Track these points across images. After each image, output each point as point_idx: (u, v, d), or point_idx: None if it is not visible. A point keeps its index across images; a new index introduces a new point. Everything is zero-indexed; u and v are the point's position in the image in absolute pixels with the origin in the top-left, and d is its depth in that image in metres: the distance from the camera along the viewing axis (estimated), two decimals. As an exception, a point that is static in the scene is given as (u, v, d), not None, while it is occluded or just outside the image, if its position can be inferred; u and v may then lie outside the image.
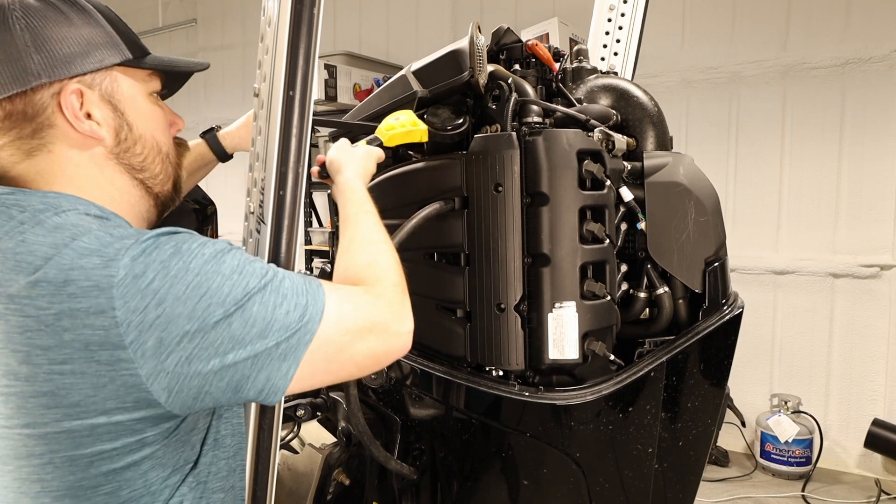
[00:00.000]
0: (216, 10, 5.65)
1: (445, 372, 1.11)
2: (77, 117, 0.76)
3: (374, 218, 0.95)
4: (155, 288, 0.66)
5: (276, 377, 0.73)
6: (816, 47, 3.36)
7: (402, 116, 1.09)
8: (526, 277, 1.01)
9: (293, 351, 0.73)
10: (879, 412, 3.32)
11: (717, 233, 1.12)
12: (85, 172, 0.78)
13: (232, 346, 0.69)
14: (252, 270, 0.73)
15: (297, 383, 0.75)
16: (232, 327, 0.69)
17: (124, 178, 0.82)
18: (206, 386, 0.70)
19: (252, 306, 0.71)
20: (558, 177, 1.00)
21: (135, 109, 0.82)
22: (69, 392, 0.66)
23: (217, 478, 0.85)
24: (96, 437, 0.69)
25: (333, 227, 1.52)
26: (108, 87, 0.79)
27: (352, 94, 4.07)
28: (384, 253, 0.90)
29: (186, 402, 0.71)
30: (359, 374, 0.82)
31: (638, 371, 1.05)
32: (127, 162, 0.82)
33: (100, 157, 0.79)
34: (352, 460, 1.41)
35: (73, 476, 0.70)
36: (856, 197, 3.33)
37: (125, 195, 0.82)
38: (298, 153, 0.90)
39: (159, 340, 0.66)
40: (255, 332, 0.71)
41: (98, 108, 0.78)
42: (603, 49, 1.66)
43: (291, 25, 0.87)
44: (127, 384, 0.67)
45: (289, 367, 0.73)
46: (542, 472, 1.07)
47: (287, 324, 0.72)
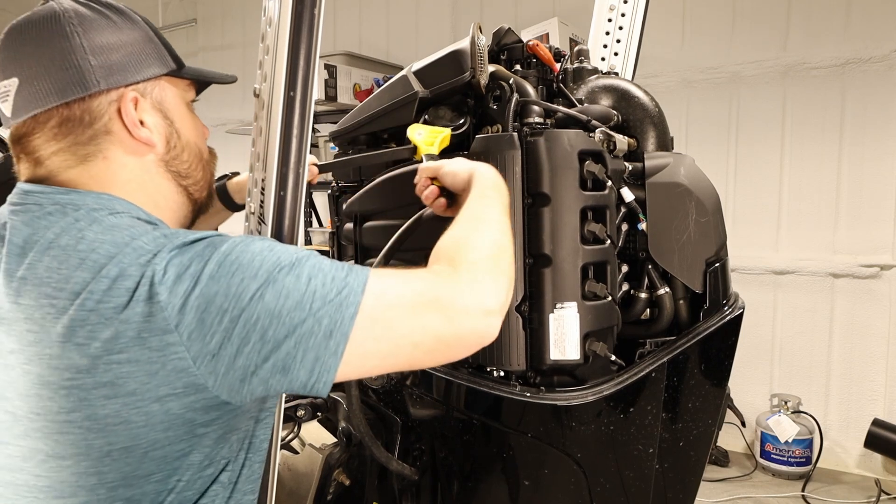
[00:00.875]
0: (216, 10, 5.65)
1: (446, 372, 1.11)
2: (135, 124, 0.79)
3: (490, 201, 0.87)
4: (192, 272, 0.69)
5: (325, 355, 0.69)
6: (816, 47, 3.36)
7: (422, 130, 1.05)
8: (527, 278, 1.01)
9: (338, 326, 0.69)
10: (879, 412, 3.32)
11: (718, 233, 1.12)
12: (137, 178, 0.81)
13: (269, 322, 0.68)
14: (284, 248, 0.73)
15: (350, 367, 0.71)
16: (265, 300, 0.68)
17: (170, 185, 0.85)
18: (251, 366, 0.69)
19: (284, 278, 0.69)
20: (559, 177, 0.99)
21: (181, 118, 0.85)
22: (126, 381, 0.68)
23: (249, 480, 0.86)
24: (150, 427, 0.70)
25: (334, 227, 1.52)
26: (159, 96, 0.82)
27: (352, 94, 4.07)
28: (478, 230, 0.82)
29: (234, 386, 0.70)
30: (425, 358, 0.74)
31: (639, 371, 1.05)
32: (175, 169, 0.85)
33: (150, 164, 0.82)
34: (352, 460, 1.41)
35: (129, 466, 0.72)
36: (856, 197, 3.33)
37: (169, 201, 0.86)
38: (299, 154, 0.90)
39: (201, 321, 0.68)
40: (290, 305, 0.68)
41: (150, 116, 0.81)
42: (603, 49, 1.66)
43: (292, 25, 0.87)
44: (177, 368, 0.68)
45: (337, 344, 0.69)
46: (542, 473, 1.07)
47: (324, 295, 0.70)
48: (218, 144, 3.33)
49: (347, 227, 1.40)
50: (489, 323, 0.74)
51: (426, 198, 0.98)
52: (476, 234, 0.81)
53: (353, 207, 1.35)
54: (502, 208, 0.88)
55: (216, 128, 5.63)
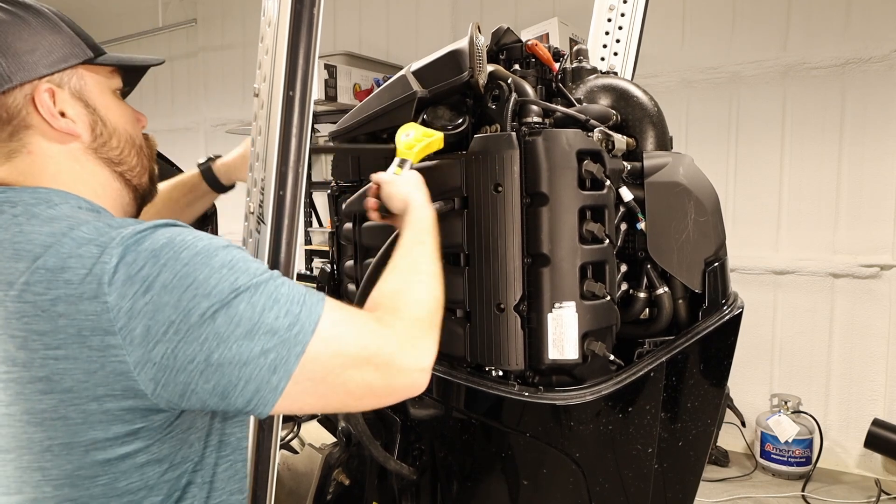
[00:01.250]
0: (216, 10, 5.65)
1: (445, 372, 1.11)
2: (53, 115, 0.78)
3: (427, 248, 0.91)
4: (144, 275, 0.67)
5: (265, 390, 0.70)
6: (816, 47, 3.36)
7: (412, 131, 1.06)
8: (526, 277, 1.01)
9: (283, 363, 0.70)
10: (879, 412, 3.32)
11: (717, 233, 1.12)
12: (67, 169, 0.80)
13: (217, 345, 0.68)
14: (245, 269, 0.72)
15: (287, 401, 0.72)
16: (216, 323, 0.67)
17: (105, 172, 0.84)
18: (191, 384, 0.68)
19: (238, 304, 0.69)
20: (558, 177, 0.99)
21: (104, 105, 0.84)
22: (63, 377, 0.68)
23: (234, 479, 0.85)
24: (89, 425, 0.70)
25: (333, 227, 1.52)
26: (77, 85, 0.82)
27: (352, 94, 4.07)
28: (419, 284, 0.86)
29: (173, 399, 0.70)
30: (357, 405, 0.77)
31: (638, 371, 1.05)
32: (105, 156, 0.84)
33: (78, 153, 0.81)
34: (352, 460, 1.41)
35: (71, 465, 0.71)
36: (856, 197, 3.33)
37: (107, 189, 0.84)
38: (298, 153, 0.90)
39: (147, 329, 0.66)
40: (240, 333, 0.68)
41: (70, 106, 0.80)
42: (603, 49, 1.66)
43: (291, 26, 0.87)
44: (116, 371, 0.67)
45: (279, 380, 0.70)
46: (541, 473, 1.07)
47: (275, 329, 0.70)
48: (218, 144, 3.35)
49: (347, 226, 1.40)
50: (423, 378, 0.78)
51: (366, 203, 1.02)
52: (417, 288, 0.85)
53: (352, 207, 1.35)
54: (436, 255, 0.92)
55: (216, 128, 5.64)
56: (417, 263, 0.88)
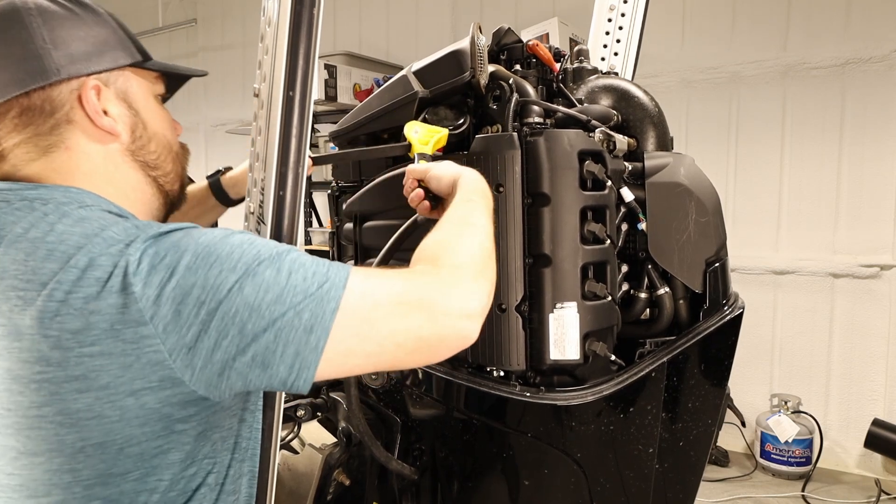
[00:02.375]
0: (216, 10, 5.64)
1: (446, 372, 1.11)
2: (97, 112, 0.78)
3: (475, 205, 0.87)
4: (168, 263, 0.67)
5: (305, 351, 0.68)
6: (816, 47, 3.36)
7: (419, 128, 1.05)
8: (527, 278, 1.01)
9: (319, 321, 0.68)
10: (879, 412, 3.32)
11: (718, 233, 1.12)
12: (102, 169, 0.80)
13: (248, 315, 0.67)
14: (265, 242, 0.72)
15: (331, 365, 0.70)
16: (244, 292, 0.67)
17: (139, 176, 0.84)
18: (229, 360, 0.68)
19: (264, 271, 0.68)
20: (559, 177, 0.99)
21: (147, 109, 0.85)
22: (99, 374, 0.67)
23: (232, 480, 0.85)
24: (126, 423, 0.69)
25: (333, 227, 1.52)
26: (123, 86, 0.82)
27: (352, 94, 4.07)
28: (462, 234, 0.82)
29: (212, 380, 0.69)
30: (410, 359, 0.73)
31: (639, 371, 1.05)
32: (142, 159, 0.84)
33: (116, 154, 0.81)
34: (352, 460, 1.40)
35: (104, 464, 0.71)
36: (856, 197, 3.33)
37: (139, 193, 0.84)
38: (298, 153, 0.90)
39: (177, 313, 0.66)
40: (270, 298, 0.67)
41: (114, 105, 0.80)
42: (603, 49, 1.66)
43: (291, 25, 0.87)
44: (152, 361, 0.67)
45: (317, 339, 0.68)
46: (542, 473, 1.07)
47: (305, 289, 0.68)
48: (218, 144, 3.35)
49: (347, 227, 1.40)
50: (471, 326, 0.74)
51: (412, 200, 0.98)
52: (460, 238, 0.81)
53: (352, 207, 1.35)
54: (487, 213, 0.88)
55: (216, 128, 5.64)
56: (464, 217, 0.85)
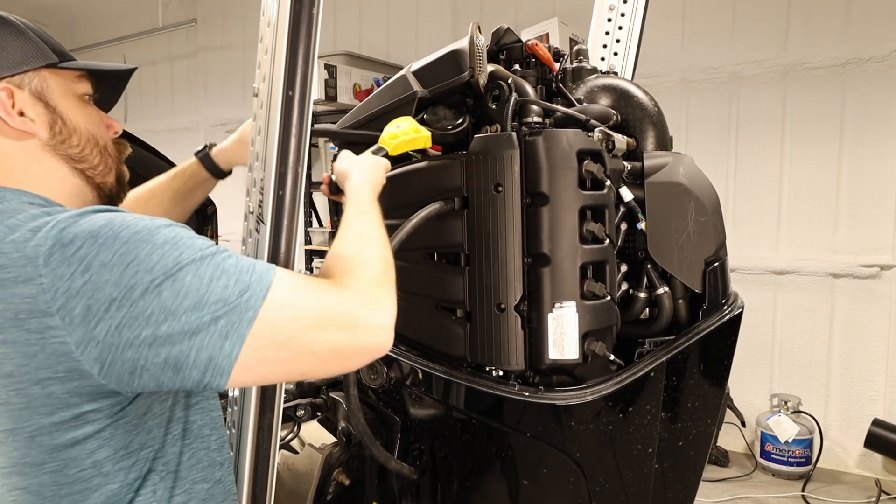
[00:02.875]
0: (216, 10, 5.65)
1: (445, 372, 1.11)
2: (8, 113, 0.81)
3: (371, 217, 0.92)
4: (82, 255, 0.67)
5: (218, 357, 0.69)
6: (816, 47, 3.36)
7: (404, 123, 1.07)
8: (526, 277, 1.01)
9: (235, 328, 0.69)
10: (879, 412, 3.32)
11: (717, 233, 1.12)
12: (22, 165, 0.83)
13: (164, 318, 0.67)
14: (190, 244, 0.71)
15: (246, 372, 0.71)
16: (162, 296, 0.67)
17: (63, 168, 0.86)
18: (140, 360, 0.68)
19: (184, 276, 0.68)
20: (558, 177, 0.99)
21: (67, 106, 0.87)
22: (2, 362, 0.69)
23: (197, 468, 0.85)
24: (33, 410, 0.70)
25: (333, 227, 1.52)
26: (38, 86, 0.85)
27: (352, 94, 4.07)
28: (368, 248, 0.86)
29: (123, 377, 0.69)
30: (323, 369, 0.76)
31: (638, 371, 1.05)
32: (64, 153, 0.86)
33: (35, 150, 0.84)
34: (352, 460, 1.40)
35: (17, 452, 0.72)
36: (856, 197, 3.33)
37: (65, 184, 0.86)
38: (298, 153, 0.90)
39: (87, 308, 0.66)
40: (189, 304, 0.68)
41: (30, 106, 0.83)
42: (603, 49, 1.66)
43: (291, 25, 0.87)
44: (57, 352, 0.67)
45: (232, 346, 0.69)
46: (542, 472, 1.07)
47: (225, 297, 0.69)
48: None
49: (347, 226, 1.40)
50: (381, 337, 0.76)
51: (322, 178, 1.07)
52: (366, 252, 0.85)
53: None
54: (380, 222, 0.92)
55: (216, 128, 5.64)
56: (364, 230, 0.89)
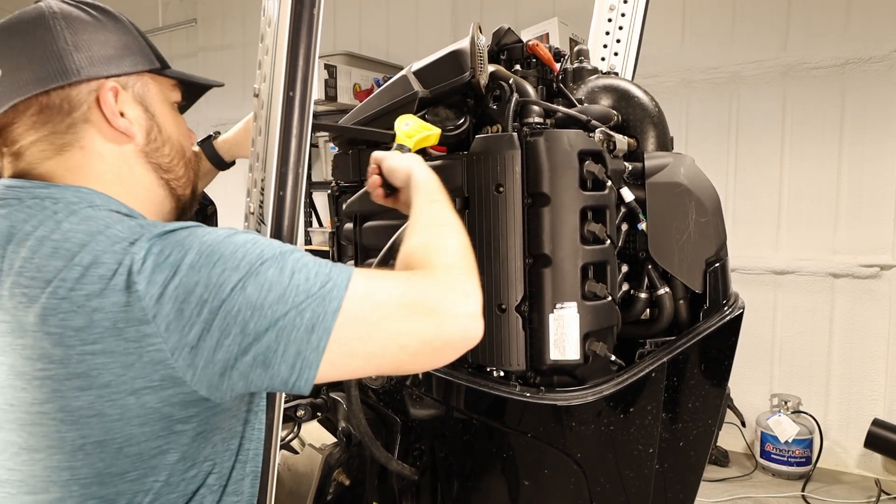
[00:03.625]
0: (216, 10, 5.64)
1: (446, 372, 1.11)
2: (114, 114, 0.80)
3: (441, 205, 0.89)
4: (172, 261, 0.68)
5: (306, 350, 0.69)
6: (816, 47, 3.36)
7: (410, 121, 1.06)
8: (527, 278, 1.01)
9: (321, 320, 0.69)
10: (879, 412, 3.31)
11: (718, 233, 1.12)
12: (114, 169, 0.82)
13: (251, 314, 0.67)
14: (268, 242, 0.73)
15: (334, 366, 0.70)
16: (246, 291, 0.67)
17: (151, 177, 0.86)
18: (230, 360, 0.68)
19: (266, 270, 0.69)
20: (559, 177, 0.99)
21: (162, 113, 0.87)
22: (101, 372, 0.68)
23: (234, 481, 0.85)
24: (126, 421, 0.70)
25: (333, 228, 1.52)
26: (141, 90, 0.84)
27: (352, 94, 4.07)
28: (441, 236, 0.83)
29: (213, 380, 0.69)
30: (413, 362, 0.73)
31: (639, 372, 1.05)
32: (155, 161, 0.86)
33: (130, 155, 0.83)
34: (352, 461, 1.40)
35: (103, 462, 0.71)
36: (856, 197, 3.33)
37: (150, 194, 0.86)
38: (298, 153, 0.90)
39: (179, 312, 0.67)
40: (273, 298, 0.68)
41: (131, 108, 0.83)
42: (603, 49, 1.66)
43: (291, 26, 0.87)
44: (154, 360, 0.67)
45: (319, 338, 0.69)
46: (542, 473, 1.07)
47: (307, 289, 0.69)
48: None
49: (347, 227, 1.40)
50: (475, 324, 0.75)
51: (369, 185, 1.00)
52: (442, 239, 0.83)
53: (353, 207, 1.35)
54: (451, 209, 0.90)
55: (216, 127, 5.63)
56: (436, 217, 0.86)
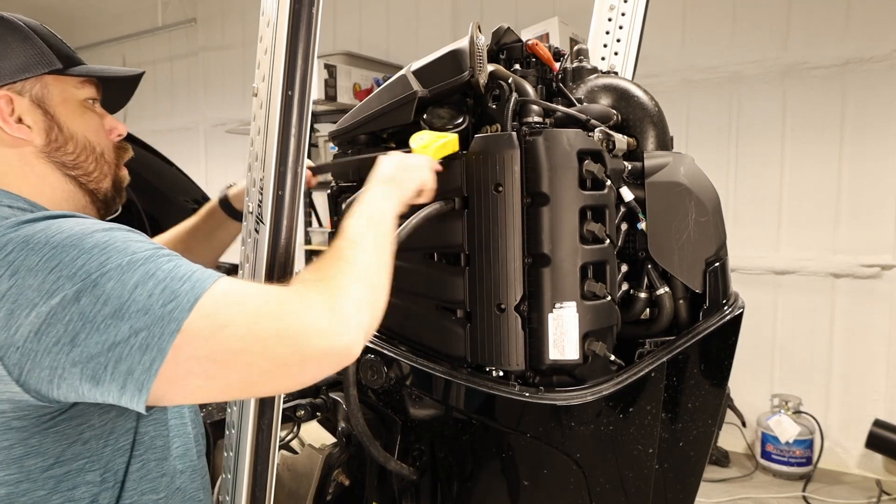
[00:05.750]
0: (216, 10, 5.65)
1: (445, 372, 1.11)
2: (6, 121, 0.83)
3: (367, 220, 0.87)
4: (10, 259, 0.68)
5: (137, 370, 0.66)
6: (817, 47, 3.36)
7: (425, 135, 1.05)
8: (526, 277, 1.01)
9: (156, 341, 0.66)
10: (880, 412, 3.31)
11: (718, 233, 1.12)
12: (15, 170, 0.85)
13: (82, 325, 0.65)
14: (122, 248, 0.69)
15: (171, 387, 0.68)
16: (80, 303, 0.66)
17: (56, 175, 0.88)
18: (58, 369, 0.66)
19: (106, 283, 0.66)
20: (559, 177, 0.99)
21: (66, 113, 0.88)
22: None
23: (145, 480, 0.84)
24: None
25: (333, 227, 1.52)
26: (39, 93, 0.86)
27: (352, 94, 4.07)
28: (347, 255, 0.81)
29: (41, 386, 0.68)
30: (265, 382, 0.71)
31: (638, 371, 1.05)
32: (58, 159, 0.87)
33: (30, 156, 0.86)
34: (352, 461, 1.40)
35: None
36: (856, 197, 3.33)
37: (56, 190, 0.88)
38: (297, 153, 0.90)
39: (10, 312, 0.66)
40: (108, 312, 0.66)
41: (28, 113, 0.85)
42: (603, 49, 1.65)
43: (290, 25, 0.86)
44: None
45: (152, 359, 0.66)
46: (542, 473, 1.07)
47: (147, 306, 0.66)
48: (218, 144, 3.35)
49: (347, 226, 1.40)
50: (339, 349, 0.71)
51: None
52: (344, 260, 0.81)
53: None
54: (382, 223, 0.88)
55: (216, 127, 5.64)
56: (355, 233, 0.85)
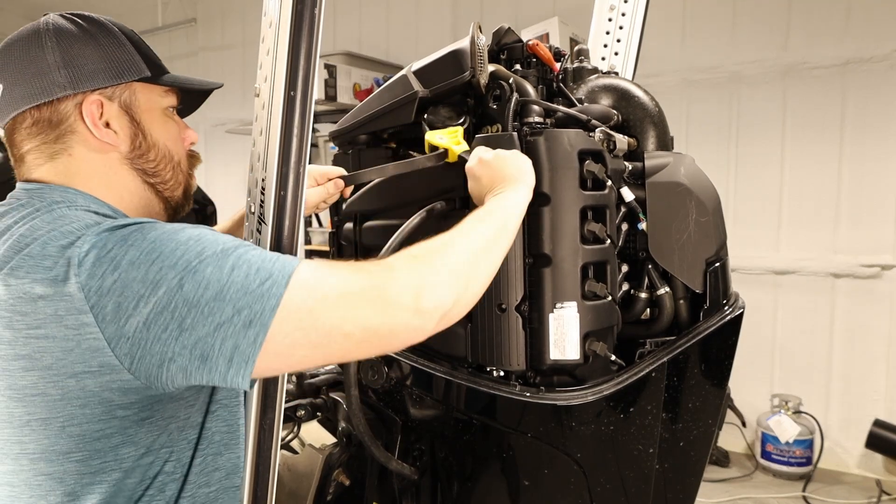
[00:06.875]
0: (216, 10, 5.64)
1: (446, 372, 1.11)
2: (96, 125, 0.85)
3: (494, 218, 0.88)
4: (112, 255, 0.72)
5: (243, 344, 0.70)
6: (817, 47, 3.36)
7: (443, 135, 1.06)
8: (527, 278, 1.01)
9: (258, 317, 0.70)
10: (880, 412, 3.31)
11: (718, 233, 1.12)
12: (100, 174, 0.87)
13: (188, 310, 0.70)
14: (214, 239, 0.74)
15: (277, 358, 0.72)
16: (184, 290, 0.70)
17: (136, 182, 0.90)
18: (168, 352, 0.71)
19: (204, 268, 0.71)
20: (559, 177, 0.99)
21: (150, 121, 0.91)
22: (43, 355, 0.73)
23: (203, 473, 0.88)
24: (67, 402, 0.74)
25: (333, 227, 1.52)
26: (127, 100, 0.88)
27: (352, 94, 4.07)
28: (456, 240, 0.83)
29: (151, 371, 0.72)
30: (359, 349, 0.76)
31: (639, 371, 1.05)
32: (140, 167, 0.90)
33: (114, 161, 0.88)
34: (352, 461, 1.40)
35: (48, 440, 0.76)
36: (856, 197, 3.33)
37: (136, 196, 0.91)
38: (300, 153, 0.90)
39: (117, 305, 0.71)
40: (210, 295, 0.70)
41: (116, 118, 0.87)
42: (603, 49, 1.66)
43: (292, 26, 0.87)
44: (92, 348, 0.72)
45: (256, 333, 0.70)
46: (542, 473, 1.07)
47: (246, 286, 0.71)
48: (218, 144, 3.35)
49: (347, 226, 1.40)
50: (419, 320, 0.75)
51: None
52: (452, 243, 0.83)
53: (353, 207, 1.35)
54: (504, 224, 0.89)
55: (216, 127, 5.63)
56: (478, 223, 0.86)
